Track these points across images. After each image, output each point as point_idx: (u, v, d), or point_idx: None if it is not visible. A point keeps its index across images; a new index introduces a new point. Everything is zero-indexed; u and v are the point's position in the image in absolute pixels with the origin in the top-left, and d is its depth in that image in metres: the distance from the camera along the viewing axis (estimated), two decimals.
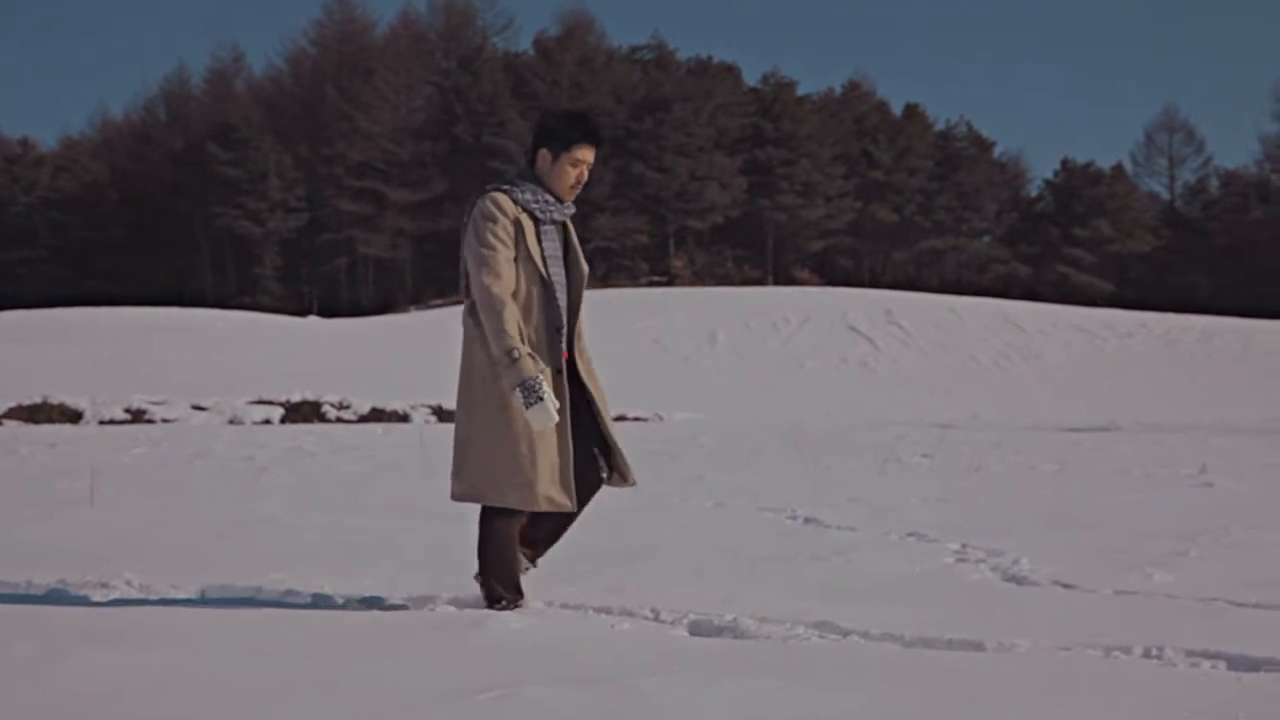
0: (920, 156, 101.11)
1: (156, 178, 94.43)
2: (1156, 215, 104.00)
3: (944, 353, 60.73)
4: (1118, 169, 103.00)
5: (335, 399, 33.39)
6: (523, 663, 4.19)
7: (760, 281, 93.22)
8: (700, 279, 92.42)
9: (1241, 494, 13.21)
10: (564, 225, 5.98)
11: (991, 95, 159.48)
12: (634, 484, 5.92)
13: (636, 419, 33.58)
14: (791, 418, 35.04)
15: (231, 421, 31.32)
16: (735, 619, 5.38)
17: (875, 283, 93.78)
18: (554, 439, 5.56)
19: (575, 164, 5.84)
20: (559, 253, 5.86)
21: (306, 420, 32.26)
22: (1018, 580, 7.05)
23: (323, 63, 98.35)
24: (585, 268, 5.96)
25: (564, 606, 5.31)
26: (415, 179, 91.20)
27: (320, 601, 5.72)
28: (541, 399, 5.45)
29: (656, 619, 5.43)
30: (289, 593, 5.89)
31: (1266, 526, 9.91)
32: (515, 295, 5.68)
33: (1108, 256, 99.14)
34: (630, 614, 5.56)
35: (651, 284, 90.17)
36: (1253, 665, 4.73)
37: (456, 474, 5.67)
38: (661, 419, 33.98)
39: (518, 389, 5.47)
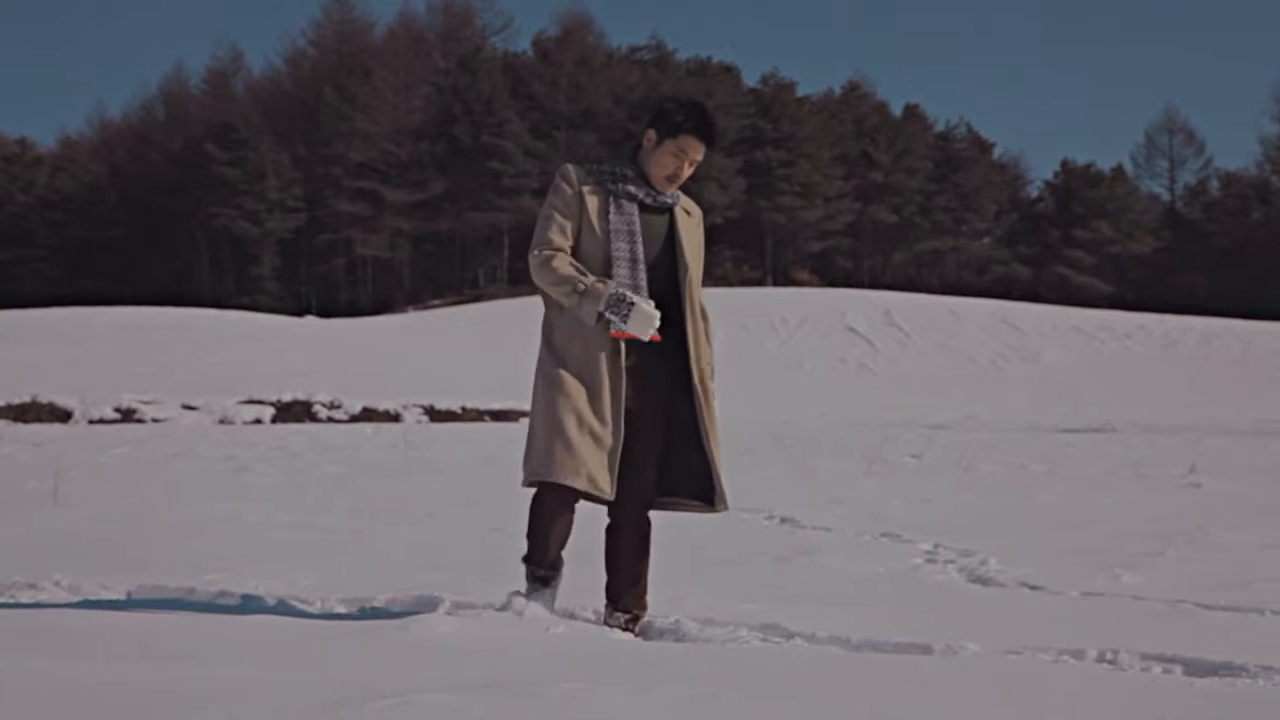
0: (920, 157, 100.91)
1: (155, 178, 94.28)
2: (1157, 217, 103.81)
3: (942, 354, 60.56)
4: (1118, 170, 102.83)
5: (326, 399, 33.24)
6: (436, 668, 4.03)
7: (759, 282, 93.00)
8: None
9: (1227, 495, 13.10)
10: (668, 213, 5.63)
11: (992, 96, 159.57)
12: (722, 510, 5.68)
13: None
14: (786, 418, 34.90)
15: (222, 421, 31.18)
16: (677, 621, 5.23)
17: (875, 284, 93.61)
18: (606, 423, 5.31)
19: (678, 154, 5.57)
20: (634, 228, 5.49)
21: (298, 420, 32.13)
22: (983, 581, 6.91)
23: (321, 63, 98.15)
24: (688, 264, 5.58)
25: (503, 609, 5.14)
26: (414, 179, 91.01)
27: (248, 604, 5.57)
28: (634, 304, 5.25)
29: (599, 622, 5.28)
30: (221, 594, 5.74)
31: (1247, 528, 9.78)
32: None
33: (1108, 258, 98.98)
34: (572, 616, 5.42)
35: None
36: (1210, 669, 4.58)
37: (524, 459, 5.46)
38: None
39: (606, 313, 5.28)
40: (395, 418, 32.37)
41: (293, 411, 32.51)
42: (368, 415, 32.52)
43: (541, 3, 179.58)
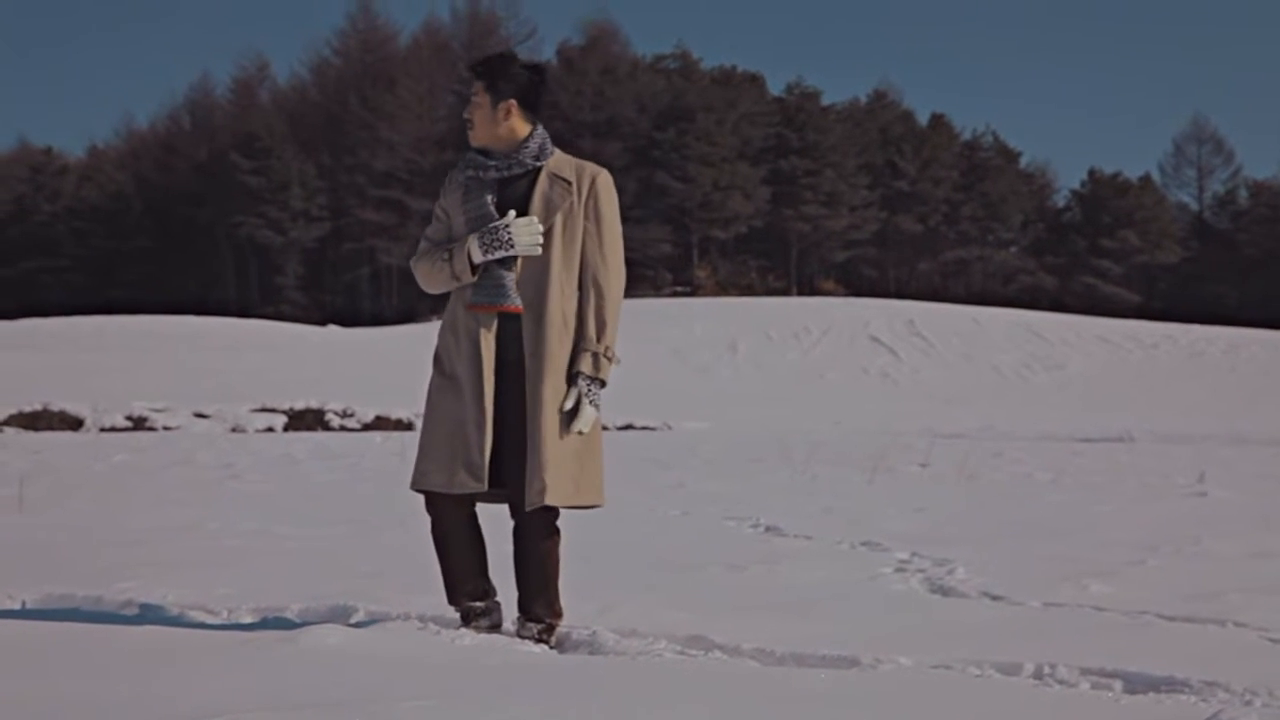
0: (946, 166, 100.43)
1: (180, 187, 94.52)
2: (1185, 226, 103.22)
3: (966, 363, 60.22)
4: (1145, 180, 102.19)
5: (339, 407, 33.08)
6: (296, 683, 3.80)
7: (784, 292, 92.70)
8: (724, 289, 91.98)
9: (1230, 503, 12.83)
10: (527, 178, 5.38)
11: (1018, 105, 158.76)
12: (530, 506, 5.06)
13: (644, 428, 33.28)
14: (803, 427, 34.63)
15: (234, 430, 31.03)
16: (595, 633, 4.99)
17: (900, 293, 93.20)
18: (473, 417, 5.06)
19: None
20: (486, 210, 5.32)
21: (310, 428, 31.97)
22: (944, 591, 6.65)
23: (346, 72, 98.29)
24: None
25: (420, 618, 4.90)
26: (437, 188, 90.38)
27: (147, 613, 5.35)
28: (506, 225, 5.13)
29: (515, 634, 5.02)
30: (126, 604, 5.53)
31: (1239, 536, 9.53)
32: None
33: (1135, 268, 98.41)
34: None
35: (675, 294, 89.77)
36: (1150, 684, 4.34)
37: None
38: (670, 428, 33.62)
39: (487, 253, 5.14)
40: (408, 426, 32.16)
41: (305, 420, 32.36)
42: (380, 423, 32.35)
43: (566, 11, 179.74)
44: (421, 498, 5.20)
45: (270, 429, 31.42)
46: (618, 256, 5.33)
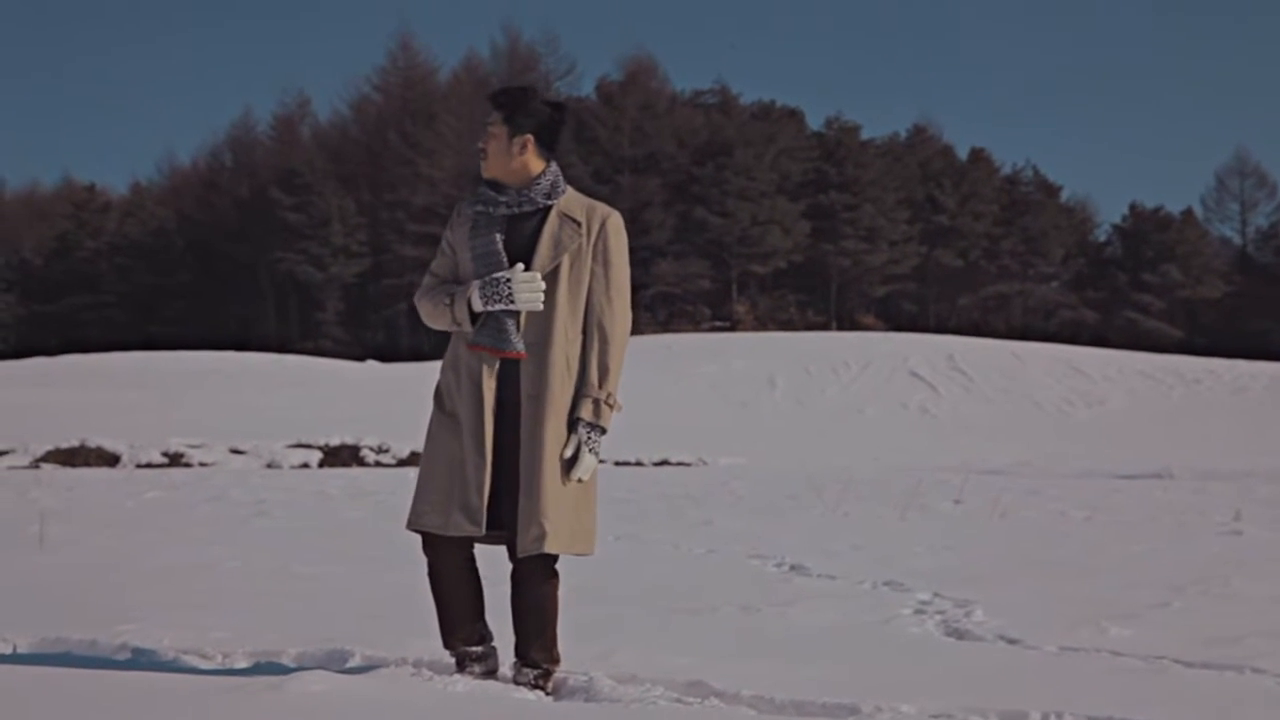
0: (986, 201, 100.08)
1: (222, 223, 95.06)
2: (1228, 261, 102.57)
3: (1006, 398, 59.88)
4: (1188, 214, 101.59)
5: (374, 442, 33.08)
6: None
7: (824, 327, 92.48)
8: (763, 324, 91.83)
9: (1266, 542, 12.64)
10: (538, 216, 5.29)
11: (1058, 140, 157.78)
12: (525, 553, 4.96)
13: (680, 464, 33.18)
14: (840, 463, 34.44)
15: (269, 465, 31.07)
16: (591, 679, 4.89)
17: (941, 328, 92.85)
18: (470, 458, 4.97)
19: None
20: (493, 247, 5.22)
21: (345, 464, 31.97)
22: (960, 634, 6.53)
23: (386, 109, 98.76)
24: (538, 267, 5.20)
25: (415, 663, 4.81)
26: None
27: (139, 658, 5.29)
28: (508, 279, 5.01)
29: (511, 679, 4.93)
30: (120, 648, 5.48)
31: (1270, 577, 9.37)
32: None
33: (1177, 302, 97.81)
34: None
35: (714, 329, 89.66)
36: None
37: None
38: (705, 464, 33.50)
39: (488, 305, 5.03)
40: None
41: (340, 455, 32.38)
42: (415, 459, 32.31)
43: (606, 47, 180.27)
44: (419, 537, 5.13)
45: (305, 465, 31.43)
46: (624, 301, 5.24)
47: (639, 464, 32.69)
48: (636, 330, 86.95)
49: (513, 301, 5.01)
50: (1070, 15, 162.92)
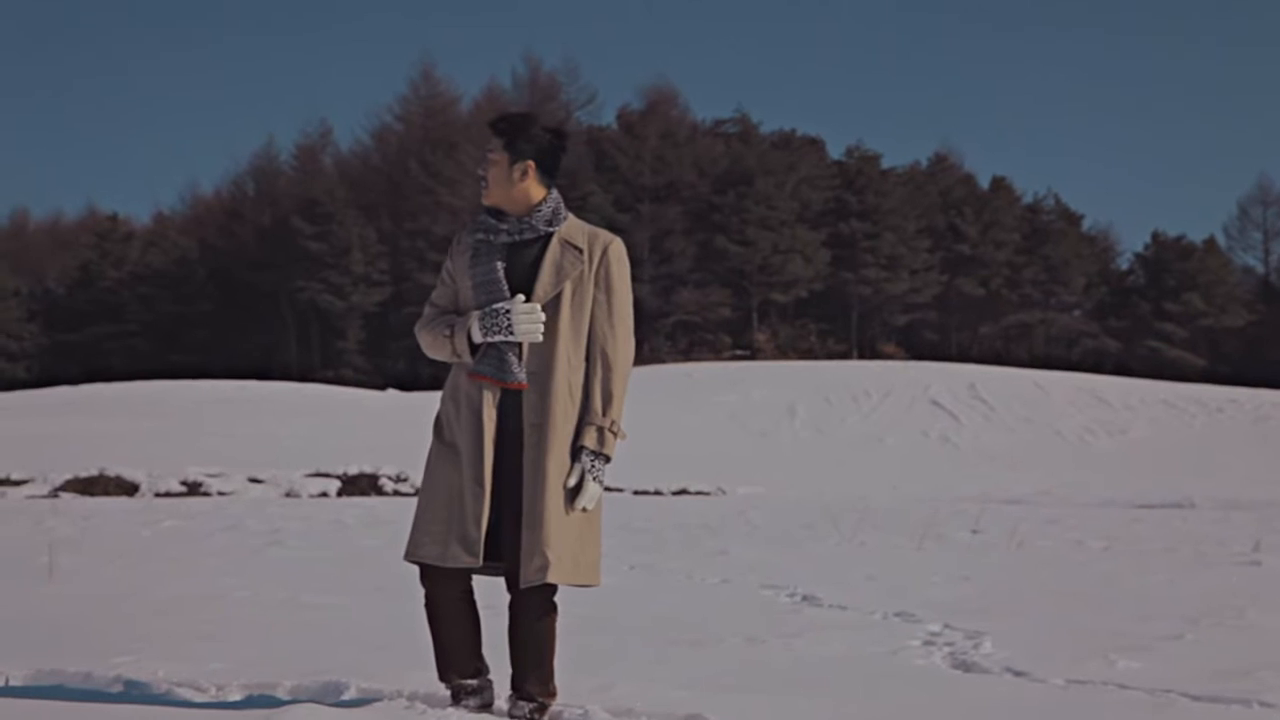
0: (1007, 230, 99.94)
1: (244, 252, 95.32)
2: (1250, 289, 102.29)
3: (1027, 427, 59.70)
4: (1210, 242, 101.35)
5: (393, 471, 33.05)
6: None
7: (845, 355, 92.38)
8: (783, 352, 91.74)
9: None
10: (539, 244, 5.28)
11: (1080, 168, 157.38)
12: (528, 583, 4.91)
13: (698, 493, 33.09)
14: (859, 492, 34.32)
15: (288, 494, 31.03)
16: (587, 713, 4.84)
17: (962, 357, 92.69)
18: (469, 489, 4.92)
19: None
20: (494, 275, 5.20)
21: (363, 493, 31.92)
22: (966, 667, 6.47)
23: (408, 138, 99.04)
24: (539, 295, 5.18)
25: (410, 696, 4.77)
26: None
27: (130, 691, 5.25)
28: (507, 310, 4.98)
29: (506, 713, 4.88)
30: (114, 680, 5.44)
31: None
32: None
33: (1200, 331, 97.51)
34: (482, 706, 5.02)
35: (734, 357, 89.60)
36: None
37: None
38: (724, 493, 33.42)
39: (488, 336, 5.00)
40: None
41: (359, 484, 32.33)
42: None
43: (626, 77, 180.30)
44: (417, 569, 5.10)
45: (324, 494, 31.39)
46: (627, 328, 5.19)
47: (657, 493, 32.62)
48: (657, 359, 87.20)
49: (512, 333, 4.98)
50: (1091, 45, 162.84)
